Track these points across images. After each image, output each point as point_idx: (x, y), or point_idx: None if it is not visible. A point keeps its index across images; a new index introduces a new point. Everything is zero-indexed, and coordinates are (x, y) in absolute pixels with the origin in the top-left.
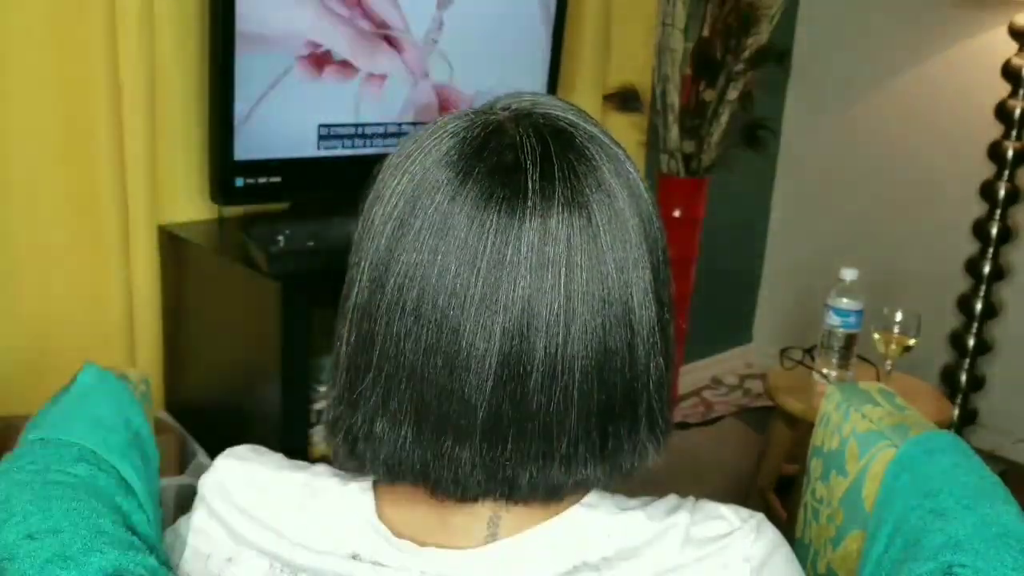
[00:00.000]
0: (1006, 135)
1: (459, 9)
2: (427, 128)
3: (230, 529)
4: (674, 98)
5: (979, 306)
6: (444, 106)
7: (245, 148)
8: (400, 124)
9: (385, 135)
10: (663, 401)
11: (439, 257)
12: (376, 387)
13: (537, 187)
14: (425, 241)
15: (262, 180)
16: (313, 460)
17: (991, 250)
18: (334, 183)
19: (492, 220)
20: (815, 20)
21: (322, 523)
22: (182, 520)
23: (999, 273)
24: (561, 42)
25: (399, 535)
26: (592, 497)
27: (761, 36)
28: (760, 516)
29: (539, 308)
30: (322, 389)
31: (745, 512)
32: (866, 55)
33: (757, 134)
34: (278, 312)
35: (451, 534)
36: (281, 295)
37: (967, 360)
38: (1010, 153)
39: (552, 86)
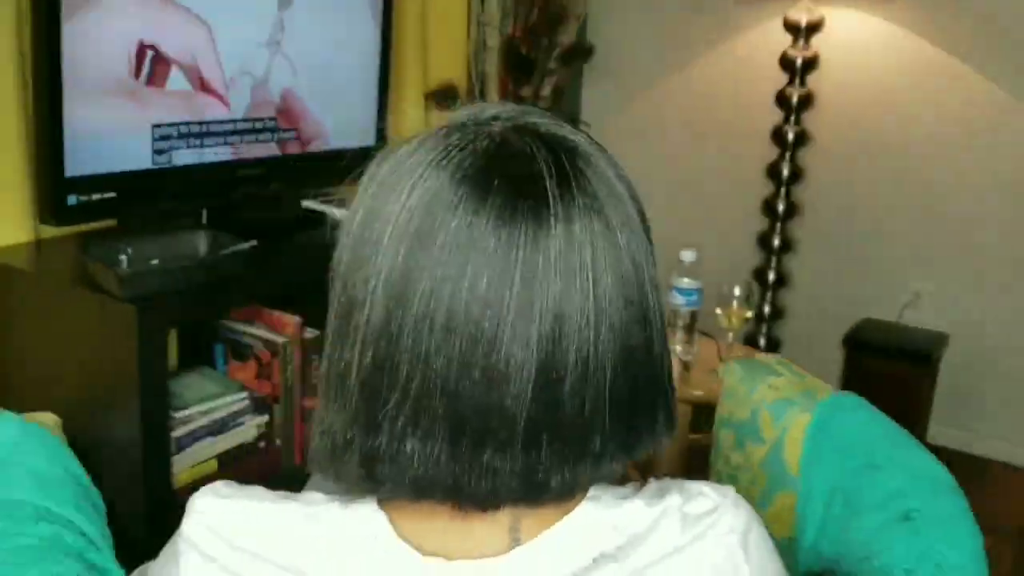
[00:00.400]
0: (786, 120)
1: (297, 12)
2: (421, 142)
3: (232, 572)
4: (493, 95)
5: (772, 276)
6: (287, 108)
7: (77, 164)
8: (240, 129)
9: (225, 142)
10: (673, 390)
11: (469, 270)
12: (404, 407)
13: (557, 195)
14: (452, 256)
15: (96, 196)
16: (176, 488)
17: (779, 225)
18: (171, 196)
19: (520, 230)
20: (607, 17)
21: (335, 550)
22: (154, 570)
23: (787, 245)
24: (390, 44)
25: (424, 552)
26: (593, 490)
27: (570, 35)
28: (732, 490)
29: (571, 313)
30: (179, 415)
31: (719, 488)
32: (657, 49)
33: None
34: (135, 337)
35: (475, 544)
36: (138, 319)
37: (764, 325)
38: (791, 136)
39: (384, 86)
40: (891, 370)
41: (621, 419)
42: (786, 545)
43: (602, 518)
